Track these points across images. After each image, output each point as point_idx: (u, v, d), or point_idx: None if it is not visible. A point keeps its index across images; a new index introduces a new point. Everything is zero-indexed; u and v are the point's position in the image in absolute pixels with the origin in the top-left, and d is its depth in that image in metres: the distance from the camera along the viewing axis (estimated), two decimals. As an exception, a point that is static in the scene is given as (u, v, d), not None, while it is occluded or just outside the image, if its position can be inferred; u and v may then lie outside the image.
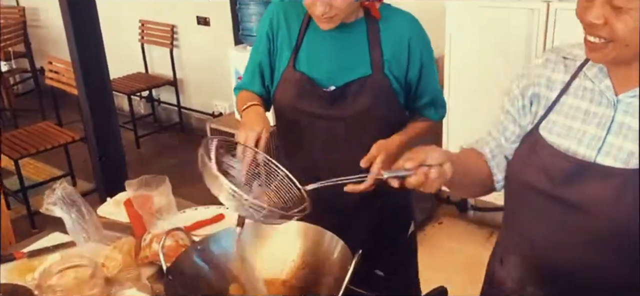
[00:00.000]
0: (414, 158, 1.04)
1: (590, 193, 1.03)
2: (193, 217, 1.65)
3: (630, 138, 1.01)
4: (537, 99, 1.16)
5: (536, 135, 1.13)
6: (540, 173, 1.09)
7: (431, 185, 1.05)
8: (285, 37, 1.51)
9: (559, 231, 1.08)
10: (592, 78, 1.07)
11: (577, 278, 1.09)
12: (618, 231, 1.01)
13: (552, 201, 1.08)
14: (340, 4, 1.35)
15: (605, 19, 0.95)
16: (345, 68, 1.47)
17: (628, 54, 0.97)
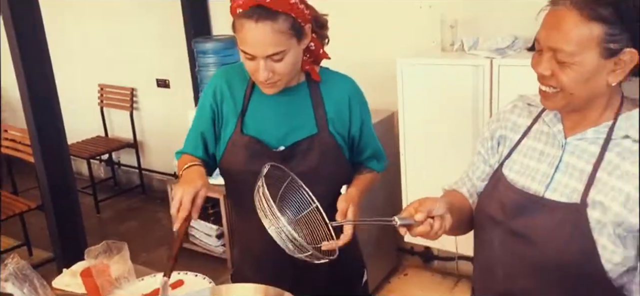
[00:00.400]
0: (422, 210, 1.11)
1: (536, 224, 1.12)
2: (152, 285, 1.64)
3: (574, 176, 1.11)
4: (503, 140, 1.27)
5: (499, 173, 1.24)
6: (498, 207, 1.20)
7: (435, 234, 1.14)
8: (230, 105, 1.54)
9: (514, 261, 1.18)
10: (548, 123, 1.19)
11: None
12: (559, 259, 1.09)
13: (506, 232, 1.18)
14: (282, 69, 1.39)
15: (552, 71, 1.07)
16: (292, 129, 1.52)
17: (575, 102, 1.08)
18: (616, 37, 1.02)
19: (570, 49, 1.03)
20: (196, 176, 1.40)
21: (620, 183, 1.05)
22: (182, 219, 1.30)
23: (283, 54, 1.36)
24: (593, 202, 1.07)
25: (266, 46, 1.33)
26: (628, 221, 1.04)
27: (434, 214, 1.13)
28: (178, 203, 1.31)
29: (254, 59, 1.37)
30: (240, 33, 1.36)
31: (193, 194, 1.32)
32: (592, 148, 1.11)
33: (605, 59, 1.04)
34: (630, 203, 1.03)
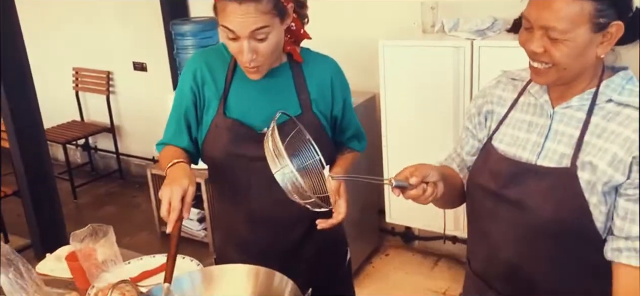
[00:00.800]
0: (417, 174, 1.15)
1: (529, 191, 1.17)
2: (139, 267, 1.63)
3: (563, 142, 1.16)
4: (490, 115, 1.31)
5: (489, 146, 1.28)
6: (489, 177, 1.24)
7: (426, 199, 1.18)
8: (211, 87, 1.51)
9: (507, 228, 1.22)
10: (534, 94, 1.23)
11: (525, 270, 1.22)
12: (553, 222, 1.14)
13: (499, 200, 1.22)
14: (266, 50, 1.38)
15: (544, 48, 1.10)
16: (276, 110, 1.48)
17: (567, 76, 1.13)
18: (604, 12, 1.06)
19: (562, 27, 1.06)
20: (181, 174, 1.36)
21: (607, 143, 1.10)
22: (173, 221, 1.28)
23: (266, 33, 1.35)
24: (582, 163, 1.11)
25: (249, 23, 1.32)
26: (614, 178, 1.09)
27: (428, 180, 1.17)
28: (167, 205, 1.29)
29: (237, 40, 1.35)
30: (223, 13, 1.34)
31: (181, 194, 1.30)
32: (579, 115, 1.15)
33: (595, 33, 1.08)
34: (616, 162, 1.08)
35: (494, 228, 1.25)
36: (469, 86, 2.58)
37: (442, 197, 1.21)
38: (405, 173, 1.18)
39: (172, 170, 1.40)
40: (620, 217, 1.11)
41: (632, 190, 1.08)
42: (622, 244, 1.10)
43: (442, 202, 1.32)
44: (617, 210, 1.11)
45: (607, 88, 1.14)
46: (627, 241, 1.09)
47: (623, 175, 1.08)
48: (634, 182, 1.08)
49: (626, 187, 1.09)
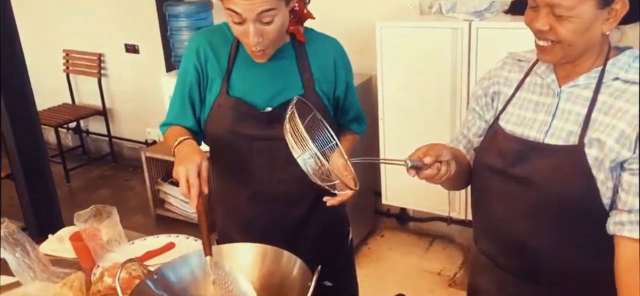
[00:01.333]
0: (431, 154, 1.17)
1: (537, 168, 1.18)
2: (143, 247, 1.63)
3: (570, 120, 1.17)
4: (497, 96, 1.32)
5: (496, 126, 1.29)
6: (497, 156, 1.25)
7: (440, 178, 1.19)
8: (214, 66, 1.50)
9: (515, 206, 1.23)
10: (541, 75, 1.24)
11: (533, 248, 1.24)
12: (561, 199, 1.16)
13: (506, 179, 1.23)
14: (272, 33, 1.37)
15: (550, 26, 1.11)
16: (279, 90, 1.51)
17: (573, 53, 1.13)
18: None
19: (568, 3, 1.07)
20: (191, 151, 1.36)
21: (614, 120, 1.11)
22: (196, 197, 1.27)
23: (272, 15, 1.33)
24: (590, 140, 1.13)
25: (255, 6, 1.30)
26: (621, 154, 1.10)
27: (442, 159, 1.19)
28: (186, 183, 1.28)
29: (242, 23, 1.34)
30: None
31: (196, 170, 1.29)
32: (586, 93, 1.16)
33: (600, 9, 1.08)
34: (623, 139, 1.10)
35: (502, 207, 1.26)
36: (467, 67, 2.59)
37: (452, 177, 1.23)
38: (418, 153, 1.19)
39: (180, 148, 1.39)
40: (624, 191, 1.12)
41: (637, 164, 1.10)
42: (625, 217, 1.12)
43: (451, 182, 1.33)
44: (622, 184, 1.12)
45: (613, 66, 1.15)
46: (630, 214, 1.11)
47: (629, 151, 1.10)
48: (637, 156, 1.09)
49: (631, 162, 1.10)
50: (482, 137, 1.34)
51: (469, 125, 1.39)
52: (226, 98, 1.50)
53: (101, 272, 1.48)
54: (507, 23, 2.52)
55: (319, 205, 1.61)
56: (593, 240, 1.18)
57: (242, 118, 1.50)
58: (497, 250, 1.32)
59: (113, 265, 1.50)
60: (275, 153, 1.52)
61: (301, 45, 1.53)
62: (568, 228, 1.19)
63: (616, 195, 1.14)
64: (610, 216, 1.15)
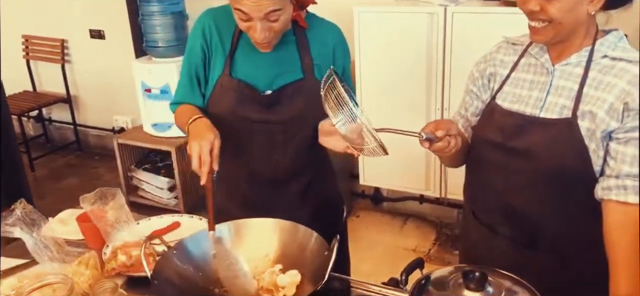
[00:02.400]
0: (442, 128, 1.26)
1: (534, 140, 1.29)
2: (149, 227, 1.66)
3: (563, 95, 1.28)
4: (493, 77, 1.42)
5: (493, 104, 1.39)
6: (496, 131, 1.35)
7: (450, 150, 1.28)
8: (218, 45, 1.54)
9: (513, 176, 1.33)
10: (535, 55, 1.35)
11: (531, 216, 1.34)
12: (556, 168, 1.27)
13: (505, 151, 1.33)
14: (279, 28, 1.42)
15: (541, 6, 1.21)
16: (279, 73, 1.55)
17: (563, 31, 1.24)
18: None
19: None
20: (205, 129, 1.40)
21: (604, 94, 1.23)
22: (206, 173, 1.31)
23: (279, 14, 1.38)
24: (582, 113, 1.24)
25: (263, 7, 1.35)
26: (611, 125, 1.23)
27: (451, 133, 1.28)
28: (198, 159, 1.32)
29: (250, 20, 1.38)
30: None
31: (209, 146, 1.33)
32: (577, 70, 1.28)
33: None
34: (612, 111, 1.22)
35: (501, 178, 1.36)
36: (442, 50, 2.71)
37: (457, 150, 1.31)
38: (430, 127, 1.28)
39: (194, 125, 1.43)
40: (612, 158, 1.24)
41: (622, 133, 1.22)
42: (612, 182, 1.24)
43: (453, 157, 1.43)
44: (609, 152, 1.25)
45: (602, 45, 1.27)
46: (617, 179, 1.23)
47: (617, 122, 1.22)
48: (624, 125, 1.22)
49: (617, 131, 1.22)
50: (478, 117, 1.44)
51: (467, 106, 1.49)
52: (229, 79, 1.54)
53: (113, 251, 1.50)
54: (479, 8, 2.65)
55: (315, 183, 1.70)
56: (586, 205, 1.29)
57: (243, 101, 1.54)
58: (496, 219, 1.42)
59: (123, 243, 1.53)
60: (274, 136, 1.57)
61: (302, 30, 1.57)
62: (564, 196, 1.30)
63: (605, 163, 1.27)
64: (598, 182, 1.27)
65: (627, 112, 1.21)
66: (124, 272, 1.45)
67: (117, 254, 1.47)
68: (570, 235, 1.33)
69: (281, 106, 1.56)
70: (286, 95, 1.56)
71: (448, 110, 2.79)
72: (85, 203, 1.56)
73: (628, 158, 1.22)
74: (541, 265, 1.35)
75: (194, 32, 1.58)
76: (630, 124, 1.21)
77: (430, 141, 1.26)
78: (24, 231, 1.33)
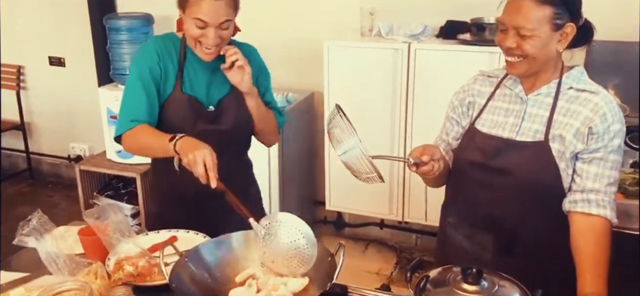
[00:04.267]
0: (427, 153, 1.42)
1: (512, 161, 1.47)
2: (148, 241, 1.72)
3: (536, 121, 1.48)
4: (472, 105, 1.60)
5: (473, 129, 1.57)
6: (477, 152, 1.53)
7: (434, 173, 1.44)
8: (169, 65, 1.75)
9: (493, 192, 1.51)
10: (510, 87, 1.55)
11: (509, 225, 1.51)
12: (532, 184, 1.45)
13: (486, 170, 1.51)
14: (227, 35, 1.69)
15: (517, 44, 1.42)
16: (216, 89, 1.79)
17: (535, 65, 1.45)
18: (561, 15, 1.40)
19: (531, 26, 1.39)
20: (198, 142, 1.53)
21: (572, 120, 1.44)
22: (215, 178, 1.45)
23: (229, 24, 1.66)
24: (553, 136, 1.44)
25: (220, 16, 1.62)
26: (577, 147, 1.43)
27: (435, 158, 1.44)
28: (203, 167, 1.45)
29: (205, 27, 1.63)
30: (195, 5, 1.61)
31: (211, 155, 1.48)
32: (547, 100, 1.48)
33: (554, 31, 1.41)
34: (578, 134, 1.42)
35: (482, 195, 1.54)
36: (406, 83, 2.92)
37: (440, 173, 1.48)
38: (416, 152, 1.45)
39: (184, 141, 1.54)
40: (577, 175, 1.44)
41: (587, 154, 1.43)
42: (578, 196, 1.43)
43: (437, 178, 1.59)
44: (576, 170, 1.45)
45: (568, 78, 1.48)
46: (583, 193, 1.43)
47: (583, 144, 1.42)
48: (588, 147, 1.42)
49: (582, 152, 1.43)
50: (459, 140, 1.62)
51: (448, 131, 1.66)
52: (180, 95, 1.75)
53: (117, 262, 1.56)
54: (440, 45, 2.89)
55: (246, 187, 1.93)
56: (557, 216, 1.47)
57: (193, 114, 1.75)
58: (476, 229, 1.58)
59: (125, 256, 1.58)
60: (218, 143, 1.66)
61: None
62: (539, 209, 1.49)
63: (571, 180, 1.46)
64: (565, 197, 1.46)
65: (590, 136, 1.41)
66: (130, 282, 1.51)
67: (123, 265, 1.53)
68: (543, 242, 1.51)
69: (222, 117, 1.80)
70: (224, 108, 1.80)
71: (410, 137, 2.99)
72: (90, 218, 1.61)
73: (591, 175, 1.43)
74: (517, 269, 1.51)
75: (147, 54, 1.75)
76: (593, 146, 1.42)
77: (417, 165, 1.43)
78: (39, 241, 1.37)
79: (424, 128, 2.91)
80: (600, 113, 1.41)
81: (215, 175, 1.46)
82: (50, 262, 1.41)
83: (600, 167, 1.42)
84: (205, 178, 1.46)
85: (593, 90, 1.45)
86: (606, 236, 1.41)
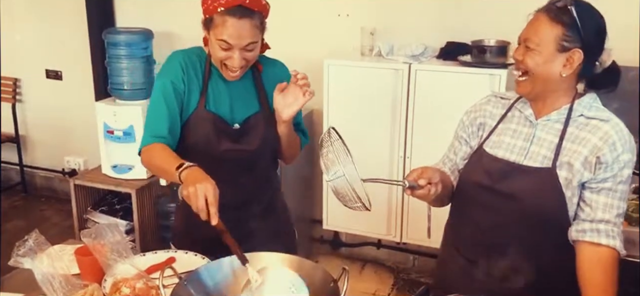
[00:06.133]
0: (425, 177, 1.39)
1: (518, 185, 1.45)
2: (145, 262, 1.69)
3: (544, 147, 1.46)
4: (482, 126, 1.59)
5: (481, 150, 1.55)
6: (484, 174, 1.51)
7: (430, 197, 1.41)
8: (193, 81, 1.72)
9: (499, 216, 1.49)
10: (520, 109, 1.53)
11: (512, 251, 1.48)
12: (537, 211, 1.43)
13: (492, 193, 1.49)
14: (252, 57, 1.67)
15: (522, 56, 1.42)
16: (241, 107, 1.76)
17: (538, 84, 1.43)
18: (570, 38, 1.38)
19: (537, 40, 1.40)
20: (204, 175, 1.45)
21: (580, 147, 1.42)
22: (215, 214, 1.37)
23: (255, 45, 1.64)
24: (561, 164, 1.42)
25: (244, 38, 1.60)
26: (585, 176, 1.41)
27: (432, 181, 1.42)
28: (203, 200, 1.37)
29: (229, 49, 1.61)
30: (220, 27, 1.59)
31: (213, 190, 1.40)
32: (557, 126, 1.46)
33: (559, 52, 1.39)
34: (586, 163, 1.40)
35: (487, 216, 1.51)
36: (405, 104, 2.91)
37: (439, 195, 1.46)
38: (413, 175, 1.43)
39: (190, 172, 1.47)
40: (586, 205, 1.42)
41: (595, 183, 1.40)
42: (587, 226, 1.41)
43: (438, 199, 1.56)
44: (584, 199, 1.42)
45: (579, 105, 1.46)
46: (592, 223, 1.40)
47: (590, 173, 1.40)
48: (596, 177, 1.40)
49: (590, 182, 1.41)
50: (466, 161, 1.60)
51: (456, 150, 1.64)
52: (204, 113, 1.71)
53: (114, 284, 1.52)
54: (439, 66, 2.89)
55: (273, 203, 1.90)
56: (562, 245, 1.45)
57: (217, 132, 1.71)
58: (478, 253, 1.56)
59: (122, 278, 1.55)
60: (241, 162, 1.74)
61: (257, 69, 1.80)
62: (543, 236, 1.47)
63: (578, 208, 1.44)
64: (572, 225, 1.44)
65: (598, 165, 1.39)
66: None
67: (120, 287, 1.49)
68: (547, 270, 1.48)
69: (248, 136, 1.76)
70: (251, 126, 1.76)
71: (410, 158, 2.98)
72: (88, 238, 1.57)
73: (600, 206, 1.40)
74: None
75: (171, 68, 1.71)
76: (601, 176, 1.39)
77: (413, 189, 1.40)
78: (35, 261, 1.34)
79: (424, 149, 2.90)
80: (610, 142, 1.39)
81: (216, 212, 1.38)
82: (46, 284, 1.38)
83: (609, 197, 1.40)
84: (206, 214, 1.38)
85: (603, 118, 1.43)
86: (614, 267, 1.39)
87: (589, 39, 1.40)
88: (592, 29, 1.40)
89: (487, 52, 2.73)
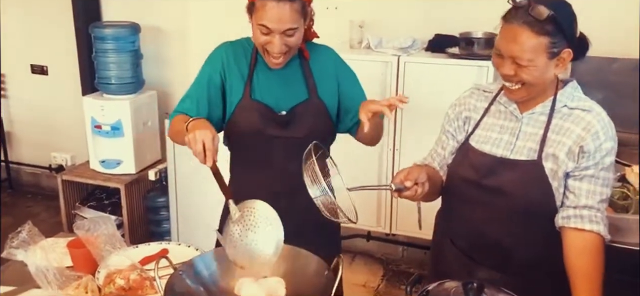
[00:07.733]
0: (410, 178, 1.40)
1: (505, 179, 1.46)
2: (139, 254, 1.69)
3: (530, 139, 1.47)
4: (468, 120, 1.59)
5: (467, 144, 1.56)
6: (470, 169, 1.52)
7: (417, 197, 1.42)
8: (236, 73, 1.74)
9: (487, 210, 1.50)
10: (504, 104, 1.54)
11: (503, 244, 1.51)
12: (525, 203, 1.45)
13: (479, 188, 1.50)
14: (294, 43, 1.64)
15: (514, 72, 1.40)
16: (289, 95, 1.75)
17: (534, 91, 1.44)
18: (557, 44, 1.39)
19: (527, 57, 1.38)
20: (205, 124, 1.50)
21: (564, 138, 1.44)
22: (211, 157, 1.41)
23: (295, 31, 1.61)
24: (546, 155, 1.44)
25: (284, 22, 1.58)
26: (569, 166, 1.43)
27: (419, 181, 1.43)
28: (201, 145, 1.41)
29: (269, 34, 1.60)
30: (260, 11, 1.59)
31: (211, 136, 1.43)
32: (542, 118, 1.48)
33: (551, 59, 1.40)
34: (570, 153, 1.43)
35: (477, 211, 1.53)
36: (395, 95, 2.92)
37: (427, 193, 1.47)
38: (400, 177, 1.43)
39: (195, 123, 1.51)
40: (570, 192, 1.44)
41: (578, 171, 1.43)
42: (571, 212, 1.44)
43: (425, 197, 1.56)
44: (568, 187, 1.45)
45: (562, 96, 1.47)
46: (575, 210, 1.43)
47: (574, 162, 1.43)
48: (580, 165, 1.42)
49: (574, 170, 1.43)
50: (454, 155, 1.61)
51: (443, 145, 1.65)
52: (249, 102, 1.73)
53: (107, 275, 1.52)
54: (428, 58, 2.91)
55: None
56: (551, 235, 1.47)
57: (263, 120, 1.72)
58: (471, 245, 1.58)
59: (115, 269, 1.55)
60: (291, 149, 1.70)
61: (304, 56, 1.78)
62: (532, 227, 1.49)
63: (564, 196, 1.46)
64: (558, 213, 1.46)
65: (581, 154, 1.41)
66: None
67: (114, 279, 1.50)
68: (537, 260, 1.51)
69: (295, 124, 1.75)
70: (298, 114, 1.75)
71: (399, 150, 2.99)
72: (79, 230, 1.57)
73: (583, 192, 1.43)
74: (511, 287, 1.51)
75: (212, 63, 1.76)
76: (584, 164, 1.42)
77: (400, 191, 1.42)
78: (28, 252, 1.34)
79: (413, 141, 2.92)
80: (593, 132, 1.41)
81: (211, 155, 1.41)
82: (39, 276, 1.37)
83: (591, 184, 1.43)
84: (203, 157, 1.42)
85: (585, 108, 1.45)
86: (600, 252, 1.41)
87: (572, 34, 1.42)
88: (571, 24, 1.40)
89: (475, 44, 2.75)
